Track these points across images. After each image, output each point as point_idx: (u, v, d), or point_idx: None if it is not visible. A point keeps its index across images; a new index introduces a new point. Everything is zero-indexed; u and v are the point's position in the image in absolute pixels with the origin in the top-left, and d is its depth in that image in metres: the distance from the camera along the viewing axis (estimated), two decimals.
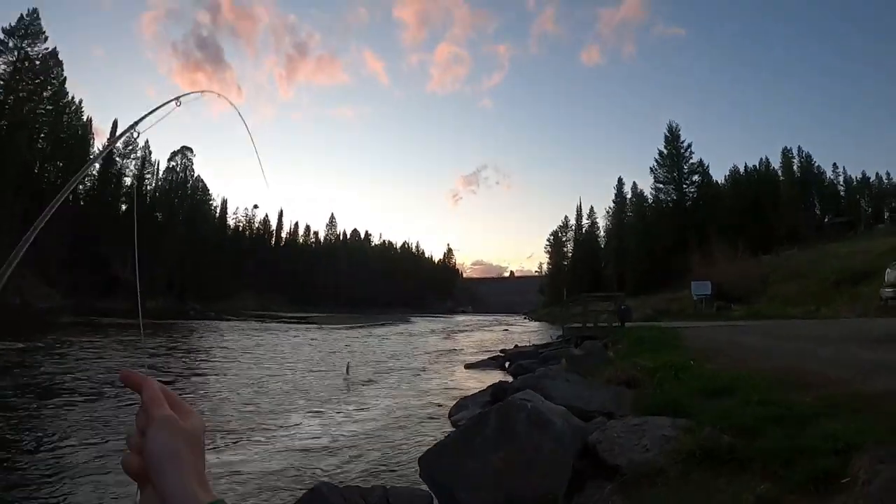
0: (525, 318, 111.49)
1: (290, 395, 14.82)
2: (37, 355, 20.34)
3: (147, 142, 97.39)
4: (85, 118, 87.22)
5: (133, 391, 0.77)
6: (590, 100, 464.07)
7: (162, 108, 1.32)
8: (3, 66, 70.61)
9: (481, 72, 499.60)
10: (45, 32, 73.94)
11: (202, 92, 1.56)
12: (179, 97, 1.41)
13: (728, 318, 36.40)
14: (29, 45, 72.22)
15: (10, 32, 71.40)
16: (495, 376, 18.71)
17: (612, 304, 29.58)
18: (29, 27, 72.70)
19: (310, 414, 12.43)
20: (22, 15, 72.84)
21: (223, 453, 8.88)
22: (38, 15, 73.89)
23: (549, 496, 5.25)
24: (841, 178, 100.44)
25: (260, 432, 10.47)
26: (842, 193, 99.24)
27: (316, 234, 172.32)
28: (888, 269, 27.61)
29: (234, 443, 9.64)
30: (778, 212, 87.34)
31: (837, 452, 4.39)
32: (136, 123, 1.26)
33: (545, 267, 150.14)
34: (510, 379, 16.66)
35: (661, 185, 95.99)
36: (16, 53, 71.26)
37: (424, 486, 6.72)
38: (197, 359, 23.71)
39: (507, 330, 58.31)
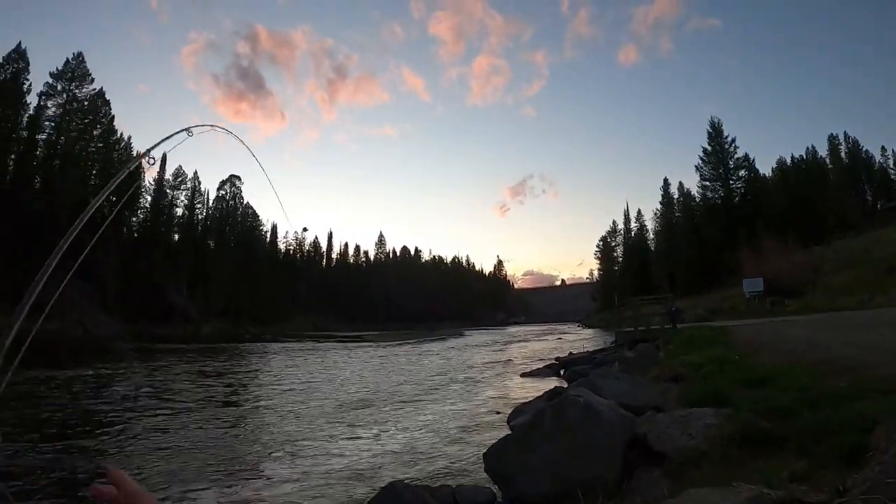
0: (579, 326, 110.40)
1: (355, 409, 15.54)
2: (103, 381, 21.46)
3: (196, 172, 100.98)
4: (134, 153, 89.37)
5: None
6: (630, 100, 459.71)
7: (175, 137, 1.32)
8: (53, 109, 73.36)
9: (521, 81, 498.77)
10: (90, 74, 76.80)
11: (212, 126, 1.57)
12: (190, 128, 1.40)
13: (781, 313, 35.69)
14: (76, 88, 74.96)
15: (57, 76, 74.27)
16: (551, 383, 18.94)
17: (663, 306, 29.74)
18: (75, 70, 75.58)
19: (377, 424, 13.15)
20: (68, 59, 75.91)
21: (303, 460, 9.66)
22: (83, 58, 76.90)
23: (601, 481, 5.79)
24: (891, 161, 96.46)
25: (335, 441, 11.26)
26: (892, 177, 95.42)
27: (366, 253, 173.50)
28: None
29: (313, 450, 10.40)
30: (827, 201, 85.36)
31: (865, 430, 4.78)
32: (149, 151, 1.23)
33: (596, 273, 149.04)
34: (565, 385, 16.90)
35: (707, 183, 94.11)
36: (64, 96, 73.98)
37: (488, 485, 7.37)
38: (262, 379, 24.68)
39: (560, 338, 58.09)
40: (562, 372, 23.54)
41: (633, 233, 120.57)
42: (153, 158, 1.09)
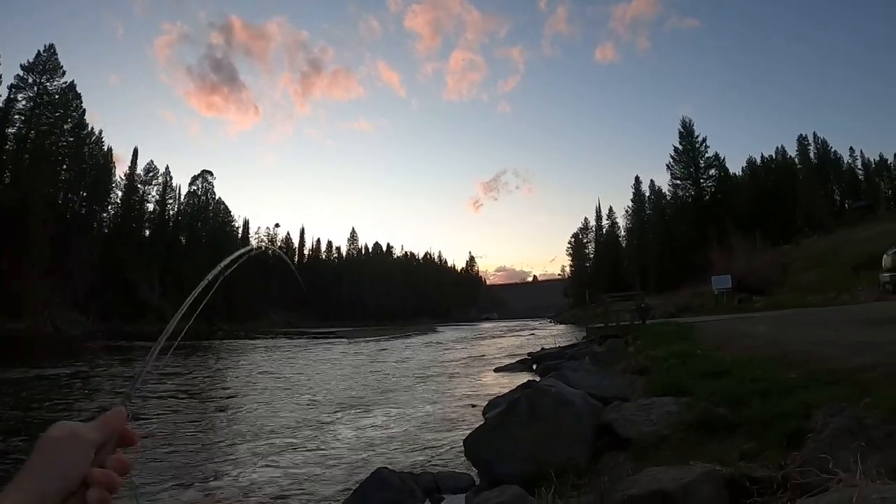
0: (551, 322, 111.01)
1: (332, 405, 15.92)
2: (72, 380, 21.21)
3: (167, 167, 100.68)
4: (105, 147, 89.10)
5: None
6: (606, 98, 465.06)
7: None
8: (23, 102, 72.83)
9: (497, 76, 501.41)
10: (62, 67, 76.35)
11: (270, 249, 1.46)
12: (252, 249, 1.32)
13: (748, 310, 36.83)
14: (47, 80, 74.47)
15: (28, 69, 73.72)
16: (524, 377, 19.23)
17: (634, 303, 30.45)
18: (46, 63, 75.03)
19: (357, 417, 13.62)
20: (39, 51, 75.44)
21: (287, 453, 10.11)
22: (54, 50, 76.39)
23: (572, 463, 6.34)
24: (859, 162, 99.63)
25: (316, 435, 11.70)
26: (860, 177, 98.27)
27: (338, 249, 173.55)
28: (885, 255, 28.15)
29: (295, 443, 10.83)
30: (796, 200, 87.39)
31: (806, 416, 5.37)
32: (225, 272, 1.18)
33: (568, 270, 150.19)
34: (538, 379, 17.33)
35: (678, 182, 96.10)
36: (35, 89, 73.41)
37: (466, 471, 7.91)
38: (237, 376, 24.86)
39: (533, 334, 58.60)
40: (534, 367, 23.94)
41: (604, 230, 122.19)
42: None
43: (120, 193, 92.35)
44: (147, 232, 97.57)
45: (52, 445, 0.72)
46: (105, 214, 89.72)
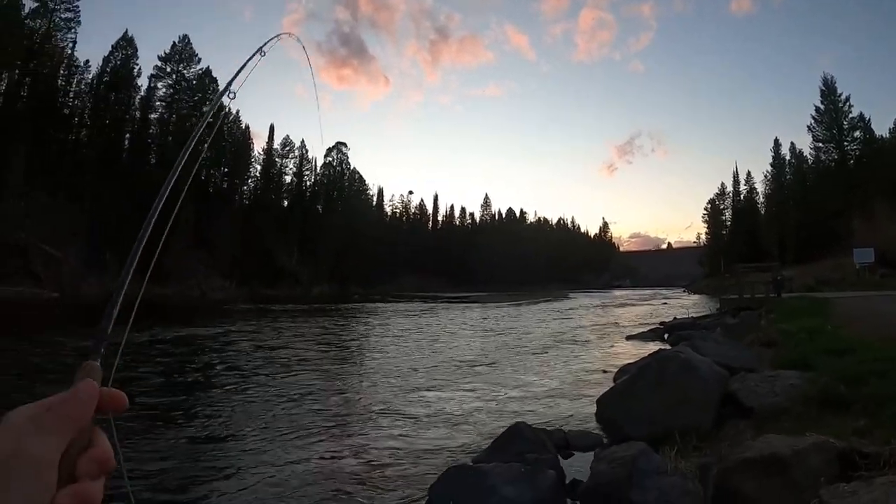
0: (684, 291, 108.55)
1: (471, 365, 17.01)
2: (220, 338, 23.48)
3: (303, 140, 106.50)
4: (243, 125, 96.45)
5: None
6: (742, 54, 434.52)
7: (251, 62, 1.33)
8: (163, 90, 79.85)
9: (627, 35, 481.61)
10: (197, 55, 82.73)
11: (278, 36, 1.59)
12: (262, 48, 1.40)
13: (890, 286, 34.02)
14: (184, 68, 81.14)
15: (166, 59, 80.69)
16: (655, 346, 19.35)
17: (769, 274, 29.71)
18: (182, 52, 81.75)
19: (493, 379, 14.57)
20: (174, 42, 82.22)
21: (431, 405, 11.29)
22: (188, 40, 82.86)
23: (695, 427, 6.98)
24: None
25: (457, 391, 12.86)
26: None
27: (472, 215, 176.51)
28: None
29: (439, 397, 12.01)
30: None
31: None
32: (229, 84, 1.24)
33: (703, 237, 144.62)
34: (669, 348, 17.59)
35: (820, 144, 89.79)
36: (174, 77, 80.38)
37: (595, 431, 8.66)
38: (378, 337, 26.67)
39: (665, 303, 57.50)
40: (666, 336, 23.88)
41: (742, 196, 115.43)
42: (233, 93, 1.25)
43: (259, 167, 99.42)
44: (285, 202, 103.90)
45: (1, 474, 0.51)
46: (245, 187, 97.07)
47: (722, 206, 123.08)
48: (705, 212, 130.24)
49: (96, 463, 0.57)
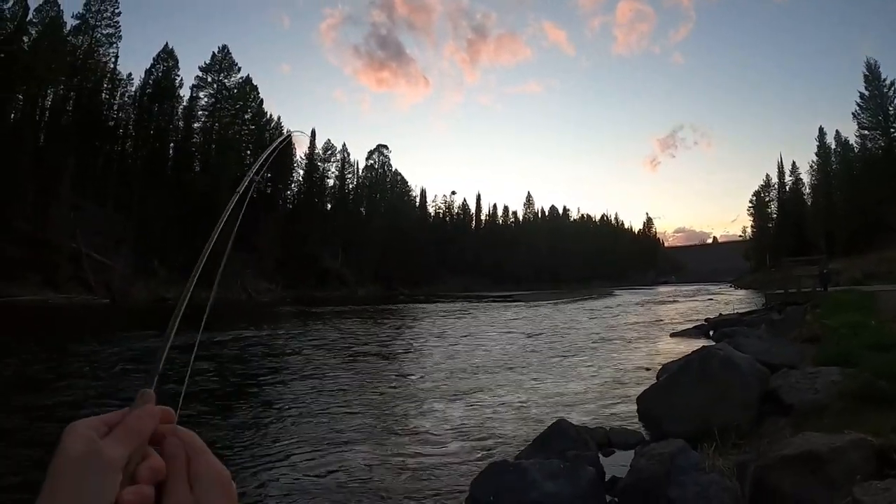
0: (730, 286, 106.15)
1: (514, 363, 17.20)
2: (270, 340, 24.09)
3: (344, 144, 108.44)
4: (285, 131, 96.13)
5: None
6: (784, 41, 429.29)
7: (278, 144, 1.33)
8: (205, 99, 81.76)
9: (667, 26, 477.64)
10: (237, 64, 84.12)
11: (291, 133, 1.85)
12: (286, 137, 1.56)
13: None
14: (225, 77, 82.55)
15: (206, 69, 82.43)
16: (699, 343, 18.79)
17: (816, 268, 29.25)
18: (222, 62, 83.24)
19: (537, 376, 14.78)
20: (214, 52, 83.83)
21: (475, 399, 11.46)
22: (228, 50, 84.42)
23: (735, 424, 7.04)
24: None
25: (501, 388, 13.01)
26: None
27: (514, 213, 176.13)
28: None
29: (482, 393, 12.15)
30: None
31: None
32: (262, 168, 1.25)
33: (749, 231, 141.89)
34: (713, 345, 17.45)
35: (866, 132, 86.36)
36: (214, 86, 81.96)
37: (637, 428, 8.75)
38: (425, 336, 26.83)
39: (711, 299, 56.67)
40: (711, 333, 23.59)
41: (787, 187, 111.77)
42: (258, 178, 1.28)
43: (301, 172, 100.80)
44: (329, 206, 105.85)
45: (72, 470, 0.60)
46: (288, 192, 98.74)
47: (767, 199, 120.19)
48: (750, 205, 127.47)
49: (153, 470, 0.65)
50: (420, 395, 12.26)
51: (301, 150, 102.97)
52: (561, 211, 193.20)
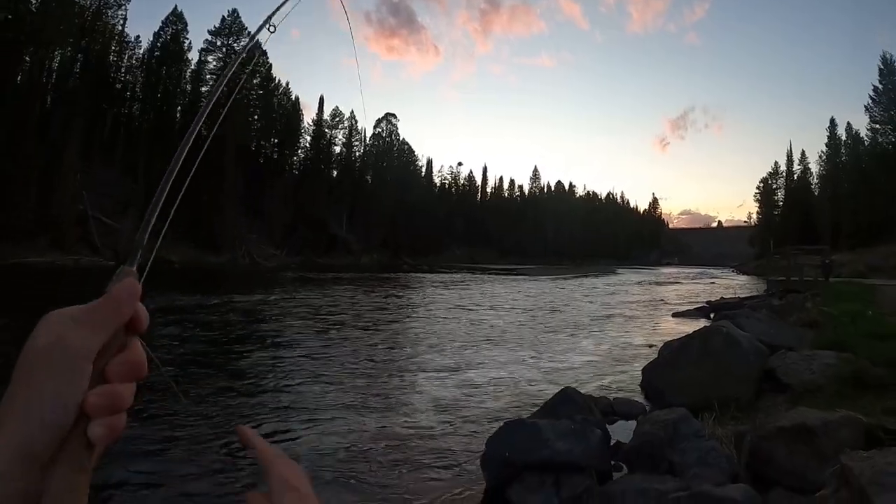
0: (733, 271, 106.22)
1: (518, 335, 17.47)
2: (270, 305, 23.72)
3: (352, 112, 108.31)
4: (293, 97, 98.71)
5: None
6: (799, 27, 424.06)
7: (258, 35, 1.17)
8: (213, 63, 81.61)
9: (683, 5, 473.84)
10: (246, 27, 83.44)
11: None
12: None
13: None
14: (234, 42, 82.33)
15: (216, 33, 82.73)
16: (700, 324, 19.54)
17: (819, 258, 29.58)
18: (231, 26, 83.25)
19: (540, 349, 15.08)
20: (223, 16, 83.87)
21: (480, 371, 11.79)
22: (237, 14, 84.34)
23: (736, 399, 7.47)
24: None
25: (505, 360, 13.31)
26: None
27: (521, 187, 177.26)
28: None
29: (487, 365, 12.47)
30: None
31: None
32: (271, 16, 1.10)
33: (755, 217, 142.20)
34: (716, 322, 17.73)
35: (877, 126, 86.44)
36: (223, 50, 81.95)
37: (639, 399, 9.15)
38: (427, 305, 27.10)
39: (713, 283, 57.47)
40: (711, 315, 23.70)
41: (795, 176, 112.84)
42: (273, 26, 1.14)
43: (308, 138, 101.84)
44: (335, 173, 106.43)
45: (36, 362, 0.51)
46: (295, 158, 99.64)
47: (775, 186, 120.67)
48: (757, 191, 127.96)
49: (128, 365, 0.56)
50: (425, 366, 12.47)
51: (309, 116, 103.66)
52: (567, 187, 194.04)
